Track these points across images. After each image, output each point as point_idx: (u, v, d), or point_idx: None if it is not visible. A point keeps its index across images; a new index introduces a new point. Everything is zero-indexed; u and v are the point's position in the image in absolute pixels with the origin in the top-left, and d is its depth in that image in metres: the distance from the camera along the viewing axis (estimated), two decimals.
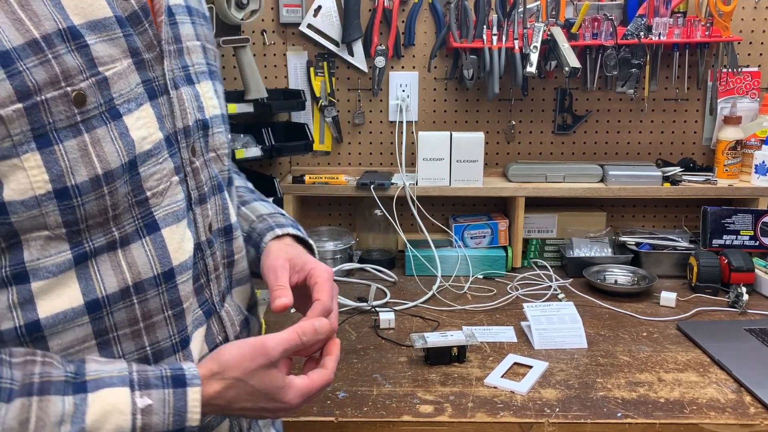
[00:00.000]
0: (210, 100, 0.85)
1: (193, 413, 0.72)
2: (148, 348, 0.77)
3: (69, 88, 0.66)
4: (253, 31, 1.96)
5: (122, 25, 0.72)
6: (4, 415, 0.64)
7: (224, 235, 0.89)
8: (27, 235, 0.68)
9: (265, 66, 1.99)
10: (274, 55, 1.99)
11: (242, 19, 1.67)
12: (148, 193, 0.75)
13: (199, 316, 0.83)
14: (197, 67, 0.84)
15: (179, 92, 0.79)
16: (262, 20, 1.95)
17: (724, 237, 1.87)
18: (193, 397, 0.72)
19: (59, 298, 0.70)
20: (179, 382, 0.72)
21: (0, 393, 0.65)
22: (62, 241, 0.69)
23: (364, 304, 1.66)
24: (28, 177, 0.65)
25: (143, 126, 0.73)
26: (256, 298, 1.01)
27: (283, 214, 1.05)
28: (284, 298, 0.84)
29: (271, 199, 1.80)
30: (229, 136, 0.93)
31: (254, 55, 1.86)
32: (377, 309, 1.63)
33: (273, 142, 1.80)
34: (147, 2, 0.75)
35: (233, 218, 0.91)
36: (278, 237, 0.98)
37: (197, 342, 0.83)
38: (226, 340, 0.87)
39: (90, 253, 0.71)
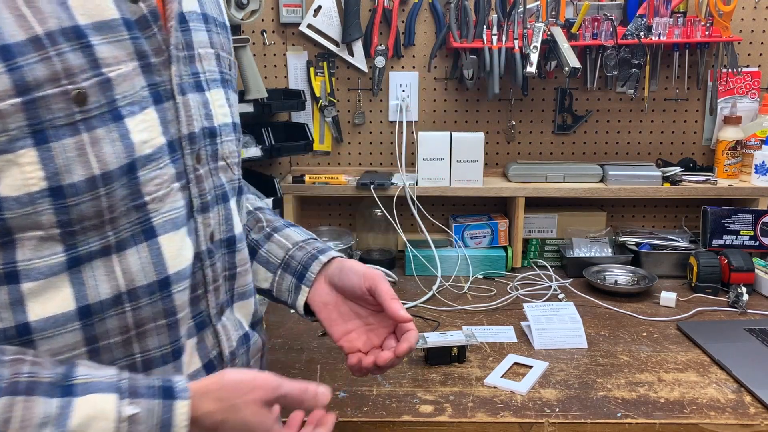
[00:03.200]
0: (220, 108, 0.85)
1: (180, 427, 0.70)
2: (138, 356, 0.76)
3: (70, 86, 0.66)
4: (253, 31, 1.96)
5: (129, 28, 0.71)
6: None
7: (226, 247, 0.88)
8: (21, 234, 0.67)
9: (265, 66, 1.99)
10: (274, 55, 1.99)
11: (242, 19, 1.67)
12: (147, 198, 0.74)
13: (191, 327, 0.82)
14: (209, 75, 0.83)
15: (186, 98, 0.78)
16: (262, 20, 1.95)
17: (724, 237, 1.87)
18: (181, 411, 0.70)
19: (51, 302, 0.69)
20: (168, 393, 0.70)
21: None
22: (56, 242, 0.68)
23: None
24: (23, 173, 0.65)
25: (145, 129, 0.72)
26: (261, 314, 0.99)
27: (315, 239, 1.07)
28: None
29: (270, 199, 1.81)
30: (240, 145, 0.91)
31: (254, 55, 1.86)
32: None
33: (273, 142, 1.80)
34: (158, 7, 0.74)
35: (237, 229, 0.90)
36: (324, 265, 1.01)
37: (188, 354, 0.81)
38: (220, 355, 0.86)
39: (84, 257, 0.70)
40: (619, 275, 1.84)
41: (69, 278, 0.70)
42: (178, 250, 0.77)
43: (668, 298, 1.68)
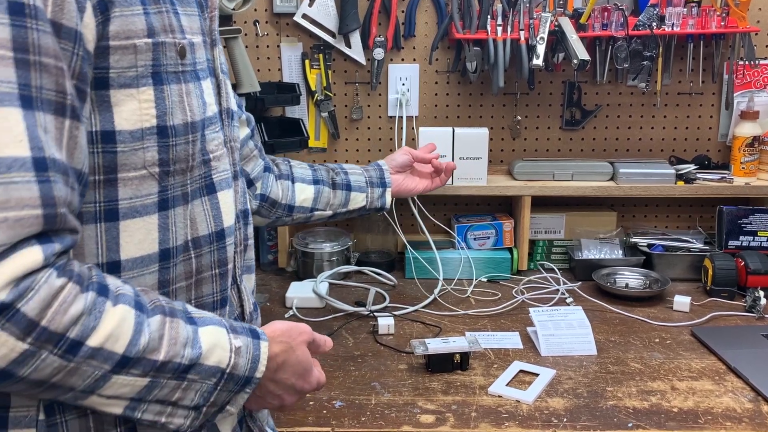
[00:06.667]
0: (230, 94, 0.98)
1: (263, 364, 0.84)
2: (193, 301, 0.88)
3: (176, 40, 0.79)
4: (246, 22, 1.96)
5: (198, 7, 0.86)
6: (148, 327, 0.74)
7: (244, 218, 0.99)
8: (125, 172, 0.77)
9: (258, 58, 1.99)
10: (268, 46, 1.99)
11: (234, 9, 1.67)
12: (210, 156, 0.87)
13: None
14: (223, 65, 0.97)
15: (223, 77, 0.93)
16: (255, 10, 1.95)
17: (741, 238, 1.88)
18: (264, 350, 0.85)
19: (141, 243, 0.80)
20: (255, 334, 0.85)
21: (143, 308, 0.75)
22: (154, 181, 0.79)
23: (362, 308, 1.66)
24: (140, 109, 0.76)
25: (209, 95, 0.86)
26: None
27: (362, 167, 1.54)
28: None
29: None
30: None
31: (246, 46, 1.86)
32: (376, 314, 1.63)
33: (266, 138, 1.80)
34: None
35: (248, 204, 1.03)
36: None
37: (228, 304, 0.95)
38: (242, 314, 0.98)
39: (170, 201, 0.82)
40: (630, 278, 1.84)
41: (158, 221, 0.81)
42: (229, 207, 0.90)
43: (682, 302, 1.68)
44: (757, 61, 1.96)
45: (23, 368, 0.67)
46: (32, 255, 0.66)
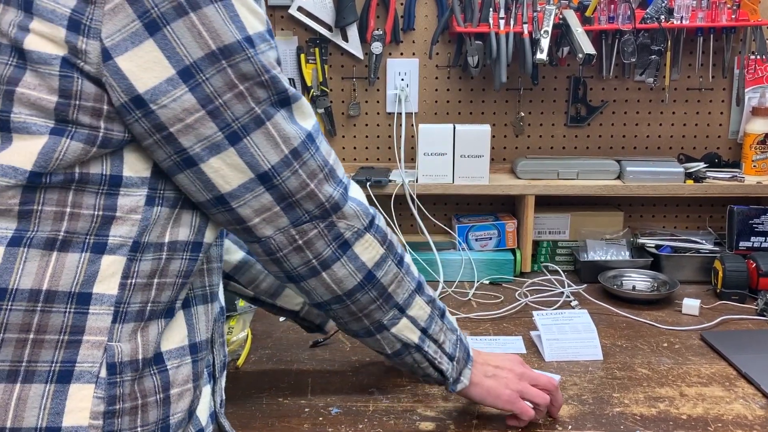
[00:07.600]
0: None
1: (470, 345, 1.13)
2: (207, 287, 0.99)
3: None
4: None
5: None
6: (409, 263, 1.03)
7: None
8: None
9: None
10: None
11: None
12: None
13: None
14: None
15: None
16: None
17: (752, 239, 1.87)
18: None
19: None
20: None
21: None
22: None
23: None
24: None
25: None
26: None
27: None
28: None
29: None
30: None
31: None
32: None
33: None
34: None
35: None
36: None
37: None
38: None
39: None
40: (638, 281, 1.83)
41: None
42: None
43: (691, 305, 1.68)
44: None
45: (380, 270, 0.95)
46: (359, 187, 0.98)
